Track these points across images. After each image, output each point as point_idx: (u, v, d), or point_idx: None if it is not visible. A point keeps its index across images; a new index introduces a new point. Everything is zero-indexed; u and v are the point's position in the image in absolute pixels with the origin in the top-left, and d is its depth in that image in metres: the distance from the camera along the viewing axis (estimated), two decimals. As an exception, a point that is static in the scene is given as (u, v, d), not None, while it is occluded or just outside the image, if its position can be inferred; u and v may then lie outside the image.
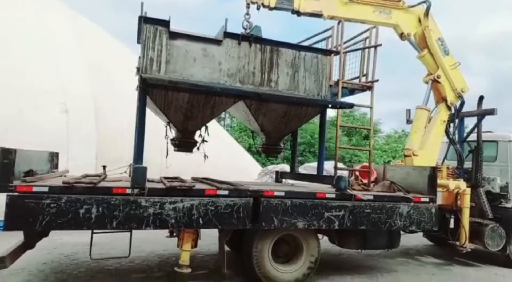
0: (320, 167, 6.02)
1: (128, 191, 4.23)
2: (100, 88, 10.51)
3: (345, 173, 7.62)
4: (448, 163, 7.55)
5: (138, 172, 4.31)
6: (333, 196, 5.12)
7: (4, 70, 9.01)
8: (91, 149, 9.47)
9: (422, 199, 5.57)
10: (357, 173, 6.90)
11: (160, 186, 4.50)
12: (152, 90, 5.06)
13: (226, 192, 4.62)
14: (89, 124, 9.80)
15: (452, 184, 6.16)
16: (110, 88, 10.77)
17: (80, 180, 4.21)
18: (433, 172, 5.69)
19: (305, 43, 6.88)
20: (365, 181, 6.64)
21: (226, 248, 6.15)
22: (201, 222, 4.42)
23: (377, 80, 6.03)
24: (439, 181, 5.93)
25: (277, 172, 7.43)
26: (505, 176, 6.88)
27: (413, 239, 8.42)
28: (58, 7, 11.75)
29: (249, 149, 18.49)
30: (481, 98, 6.95)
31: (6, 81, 8.90)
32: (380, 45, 6.10)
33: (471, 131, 7.01)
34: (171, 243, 5.64)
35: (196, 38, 5.21)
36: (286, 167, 12.71)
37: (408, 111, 8.23)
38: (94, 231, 4.37)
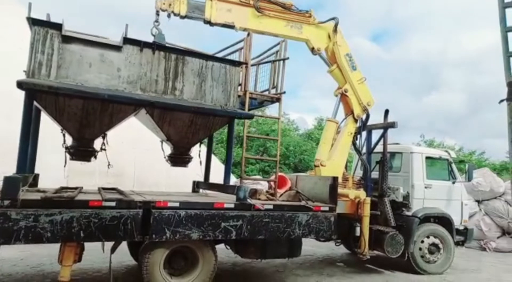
0: (226, 177, 6.02)
1: (-3, 203, 3.93)
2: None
3: (264, 183, 7.72)
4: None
5: (9, 182, 4.01)
6: (232, 206, 5.13)
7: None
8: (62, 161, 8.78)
9: (322, 208, 5.75)
10: (272, 183, 7.00)
11: (37, 197, 4.23)
12: (41, 95, 4.80)
13: (113, 203, 4.45)
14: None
15: (352, 193, 6.42)
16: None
17: None
18: (334, 182, 5.91)
19: (221, 54, 6.96)
20: (279, 191, 6.77)
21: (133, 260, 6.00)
22: (82, 235, 4.21)
23: (284, 92, 6.20)
24: (340, 191, 6.17)
25: (193, 182, 7.34)
26: (407, 185, 7.32)
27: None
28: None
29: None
30: (386, 111, 7.36)
31: None
32: (287, 58, 6.29)
33: (377, 143, 7.40)
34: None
35: (93, 43, 5.04)
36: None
37: None
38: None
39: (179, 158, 6.13)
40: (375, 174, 7.40)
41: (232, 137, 6.14)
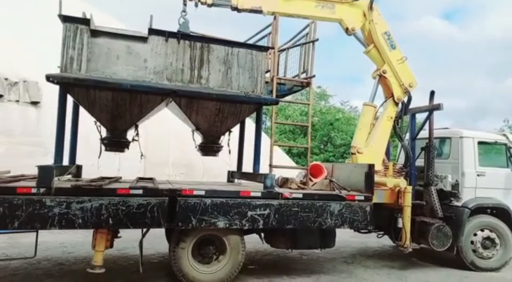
0: (256, 165, 5.89)
1: (34, 190, 4.19)
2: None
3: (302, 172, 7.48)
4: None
5: (43, 171, 4.26)
6: (259, 194, 5.01)
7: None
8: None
9: (357, 197, 5.42)
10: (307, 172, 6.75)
11: (68, 185, 4.44)
12: (73, 89, 5.02)
13: (140, 191, 4.55)
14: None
15: (391, 182, 5.95)
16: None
17: (-17, 180, 4.18)
18: (370, 170, 5.53)
19: (251, 41, 6.80)
20: (315, 180, 6.52)
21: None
22: (111, 222, 4.36)
23: (313, 76, 5.89)
24: (377, 179, 5.76)
25: (228, 171, 7.32)
26: (456, 173, 6.65)
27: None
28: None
29: (289, 151, 18.43)
30: (432, 93, 6.70)
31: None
32: (316, 40, 5.96)
33: (421, 127, 6.79)
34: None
35: (119, 36, 5.14)
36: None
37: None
38: (-3, 231, 4.33)
39: (209, 147, 6.11)
40: (420, 162, 6.82)
41: (260, 124, 5.97)
